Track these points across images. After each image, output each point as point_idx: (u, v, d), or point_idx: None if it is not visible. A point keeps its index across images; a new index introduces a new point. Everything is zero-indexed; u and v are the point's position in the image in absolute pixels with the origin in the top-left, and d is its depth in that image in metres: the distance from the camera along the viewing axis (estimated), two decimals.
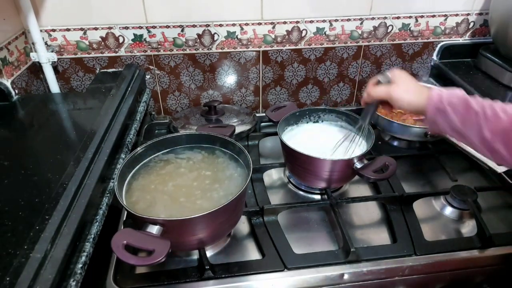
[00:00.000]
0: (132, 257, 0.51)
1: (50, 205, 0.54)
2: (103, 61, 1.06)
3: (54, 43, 1.01)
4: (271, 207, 0.78)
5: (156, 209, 0.63)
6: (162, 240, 0.53)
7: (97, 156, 0.67)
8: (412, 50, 1.17)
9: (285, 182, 0.91)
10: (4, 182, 0.62)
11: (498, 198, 0.85)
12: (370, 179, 0.78)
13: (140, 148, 0.72)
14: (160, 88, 1.13)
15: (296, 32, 1.08)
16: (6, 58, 0.88)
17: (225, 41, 1.07)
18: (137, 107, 0.96)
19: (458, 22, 1.14)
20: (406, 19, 1.11)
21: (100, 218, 0.61)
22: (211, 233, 0.64)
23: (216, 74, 1.13)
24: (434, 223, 0.78)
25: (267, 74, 1.14)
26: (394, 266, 0.68)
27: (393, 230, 0.75)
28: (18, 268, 0.44)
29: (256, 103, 1.20)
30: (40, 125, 0.81)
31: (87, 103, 0.90)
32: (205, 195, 0.66)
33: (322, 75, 1.17)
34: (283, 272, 0.66)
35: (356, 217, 0.80)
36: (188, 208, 0.64)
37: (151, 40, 1.04)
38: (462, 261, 0.70)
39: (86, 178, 0.61)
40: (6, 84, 0.87)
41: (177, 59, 1.08)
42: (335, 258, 0.68)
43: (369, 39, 1.12)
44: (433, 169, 0.94)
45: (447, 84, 1.13)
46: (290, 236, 0.73)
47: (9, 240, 0.50)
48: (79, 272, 0.51)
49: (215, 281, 0.65)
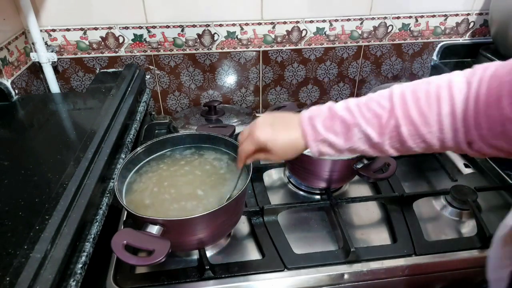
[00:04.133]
0: (132, 257, 0.51)
1: (50, 205, 0.54)
2: (103, 61, 1.06)
3: (54, 43, 1.01)
4: (271, 207, 0.78)
5: (156, 209, 0.63)
6: (162, 240, 0.53)
7: (97, 156, 0.67)
8: (412, 50, 1.17)
9: (285, 182, 0.91)
10: (4, 182, 0.62)
11: (498, 198, 0.84)
12: (370, 179, 0.78)
13: (140, 148, 0.72)
14: (160, 88, 1.13)
15: (296, 32, 1.08)
16: (6, 58, 0.88)
17: (225, 41, 1.07)
18: (137, 107, 0.96)
19: (458, 22, 1.14)
20: (406, 19, 1.11)
21: (100, 218, 0.61)
22: (211, 233, 0.64)
23: (216, 74, 1.13)
24: (434, 223, 0.78)
25: (267, 74, 1.14)
26: (394, 266, 0.68)
27: (393, 230, 0.75)
28: (18, 268, 0.44)
29: (256, 103, 1.20)
30: (40, 125, 0.81)
31: (87, 103, 0.90)
32: (205, 195, 0.66)
33: (322, 75, 1.17)
34: (283, 272, 0.66)
35: (356, 217, 0.80)
36: (188, 208, 0.64)
37: (151, 40, 1.04)
38: (462, 261, 0.70)
39: (86, 178, 0.61)
40: (6, 84, 0.87)
41: (177, 59, 1.08)
42: (335, 258, 0.68)
43: (369, 39, 1.12)
44: (433, 169, 0.94)
45: None
46: (290, 236, 0.73)
47: (9, 240, 0.50)
48: (79, 272, 0.51)
49: (215, 281, 0.65)
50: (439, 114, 0.45)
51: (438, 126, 0.45)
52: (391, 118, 0.47)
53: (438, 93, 0.45)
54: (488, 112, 0.41)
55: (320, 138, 0.51)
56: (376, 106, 0.49)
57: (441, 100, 0.45)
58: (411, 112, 0.46)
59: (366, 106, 0.50)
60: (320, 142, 0.51)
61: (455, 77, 0.46)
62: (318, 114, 0.52)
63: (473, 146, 0.45)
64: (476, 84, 0.43)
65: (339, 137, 0.50)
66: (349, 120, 0.49)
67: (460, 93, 0.44)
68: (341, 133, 0.50)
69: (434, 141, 0.47)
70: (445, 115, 0.45)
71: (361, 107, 0.50)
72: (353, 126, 0.49)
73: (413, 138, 0.47)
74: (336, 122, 0.50)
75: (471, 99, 0.43)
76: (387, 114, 0.48)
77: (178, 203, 0.65)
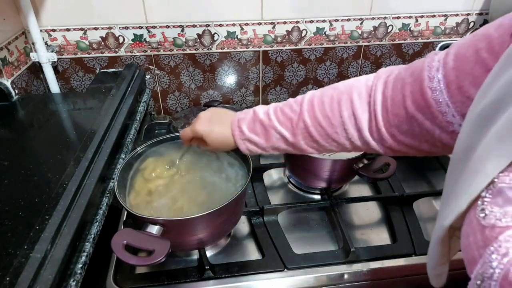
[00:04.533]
0: (132, 257, 0.51)
1: (50, 205, 0.54)
2: (103, 61, 1.06)
3: (54, 43, 1.01)
4: (271, 207, 0.78)
5: (156, 209, 0.63)
6: (162, 240, 0.53)
7: (97, 156, 0.67)
8: (412, 50, 1.17)
9: (285, 182, 0.91)
10: (4, 182, 0.62)
11: None
12: (370, 179, 0.78)
13: (140, 148, 0.72)
14: (160, 88, 1.13)
15: (296, 32, 1.08)
16: (6, 58, 0.88)
17: (225, 41, 1.07)
18: (137, 107, 0.96)
19: (458, 22, 1.14)
20: (406, 19, 1.11)
21: (100, 218, 0.61)
22: (211, 233, 0.64)
23: (216, 74, 1.13)
24: (434, 223, 0.78)
25: (267, 74, 1.14)
26: (394, 266, 0.68)
27: (393, 230, 0.75)
28: (18, 268, 0.44)
29: (256, 103, 1.20)
30: (40, 125, 0.81)
31: (87, 103, 0.90)
32: (205, 195, 0.66)
33: (322, 75, 1.17)
34: (283, 272, 0.66)
35: (356, 217, 0.80)
36: (188, 208, 0.64)
37: (151, 40, 1.04)
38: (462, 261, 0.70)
39: (86, 178, 0.61)
40: (6, 84, 0.87)
41: (177, 59, 1.08)
42: (335, 258, 0.68)
43: (369, 39, 1.12)
44: (433, 169, 0.94)
45: None
46: (290, 236, 0.73)
47: (9, 240, 0.50)
48: (79, 272, 0.51)
49: (215, 281, 0.65)
50: (341, 116, 0.51)
51: (342, 127, 0.52)
52: (300, 120, 0.54)
53: (339, 98, 0.52)
54: (395, 110, 0.47)
55: (244, 137, 0.59)
56: (289, 110, 0.56)
57: (341, 104, 0.51)
58: (317, 114, 0.53)
59: (281, 110, 0.57)
60: (246, 140, 0.59)
61: (356, 82, 0.53)
62: (245, 117, 0.60)
63: (383, 143, 0.50)
64: (382, 86, 0.49)
65: (260, 137, 0.58)
66: (266, 123, 0.57)
67: (360, 97, 0.50)
68: (261, 134, 0.58)
69: (343, 141, 0.53)
70: (346, 117, 0.51)
71: (277, 111, 0.57)
72: (269, 127, 0.57)
73: (323, 138, 0.54)
74: (257, 124, 0.58)
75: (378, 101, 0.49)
76: (296, 116, 0.55)
77: (178, 203, 0.65)
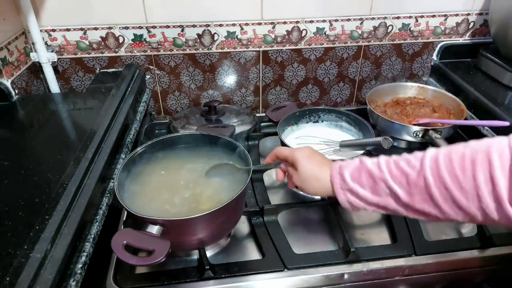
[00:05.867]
0: (132, 257, 0.51)
1: (50, 205, 0.54)
2: (103, 61, 1.06)
3: (54, 43, 1.01)
4: (271, 207, 0.78)
5: (156, 209, 0.63)
6: (162, 240, 0.53)
7: (97, 156, 0.67)
8: (412, 50, 1.17)
9: (285, 182, 0.90)
10: (4, 182, 0.62)
11: None
12: None
13: (140, 148, 0.72)
14: (160, 88, 1.13)
15: (296, 32, 1.08)
16: (6, 58, 0.88)
17: (225, 41, 1.07)
18: (137, 107, 0.96)
19: (458, 22, 1.14)
20: (406, 19, 1.11)
21: (100, 218, 0.61)
22: (211, 233, 0.64)
23: (216, 74, 1.12)
24: (434, 223, 0.78)
25: (267, 74, 1.14)
26: (394, 266, 0.68)
27: (393, 230, 0.75)
28: (18, 268, 0.44)
29: (256, 103, 1.20)
30: (40, 125, 0.81)
31: (87, 103, 0.90)
32: (205, 195, 0.66)
33: (322, 75, 1.17)
34: (283, 272, 0.66)
35: (356, 217, 0.80)
36: (188, 208, 0.64)
37: (151, 40, 1.04)
38: (462, 261, 0.70)
39: (86, 178, 0.61)
40: (6, 84, 0.87)
41: (177, 59, 1.08)
42: (335, 258, 0.68)
43: (369, 39, 1.12)
44: None
45: (447, 84, 1.13)
46: (290, 236, 0.73)
47: (9, 240, 0.50)
48: (79, 272, 0.51)
49: (215, 281, 0.65)
50: (474, 179, 0.41)
51: (474, 192, 0.41)
52: (420, 177, 0.45)
53: (473, 157, 0.42)
54: None
55: (346, 187, 0.52)
56: (405, 164, 0.48)
57: (476, 164, 0.41)
58: (442, 173, 0.43)
59: (395, 163, 0.49)
60: (347, 191, 0.53)
61: (495, 142, 0.43)
62: (348, 164, 0.54)
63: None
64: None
65: (366, 189, 0.51)
66: (376, 174, 0.50)
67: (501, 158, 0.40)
68: (367, 186, 0.51)
69: (473, 210, 0.42)
70: (481, 180, 0.41)
71: (390, 163, 0.50)
72: (379, 180, 0.49)
73: (448, 203, 0.44)
74: (363, 174, 0.51)
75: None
76: (415, 172, 0.46)
77: (178, 203, 0.65)
